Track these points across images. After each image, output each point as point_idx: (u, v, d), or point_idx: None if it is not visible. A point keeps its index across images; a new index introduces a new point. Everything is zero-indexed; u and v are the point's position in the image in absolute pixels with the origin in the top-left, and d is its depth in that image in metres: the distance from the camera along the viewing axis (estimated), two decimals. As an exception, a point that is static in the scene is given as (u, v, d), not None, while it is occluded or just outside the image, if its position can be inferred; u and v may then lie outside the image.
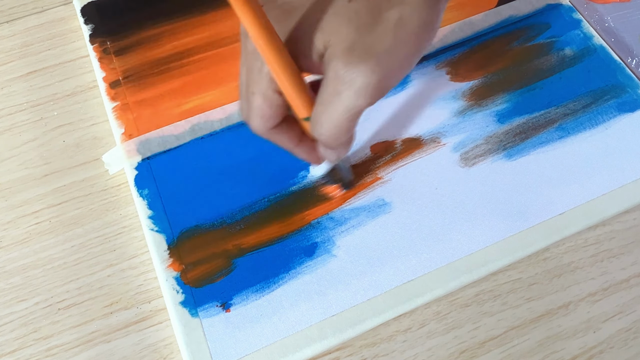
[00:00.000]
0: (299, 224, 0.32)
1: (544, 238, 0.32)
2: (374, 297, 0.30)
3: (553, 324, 0.31)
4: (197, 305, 0.30)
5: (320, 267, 0.31)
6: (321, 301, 0.30)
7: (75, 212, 0.34)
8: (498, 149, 0.34)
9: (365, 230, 0.32)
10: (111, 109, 0.36)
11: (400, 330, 0.31)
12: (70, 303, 0.31)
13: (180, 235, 0.32)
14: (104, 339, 0.30)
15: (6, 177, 0.35)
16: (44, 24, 0.41)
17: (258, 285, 0.30)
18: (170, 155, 0.34)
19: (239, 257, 0.31)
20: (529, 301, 0.31)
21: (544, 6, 0.39)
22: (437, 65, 0.38)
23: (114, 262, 0.32)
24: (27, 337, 0.30)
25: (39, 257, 0.33)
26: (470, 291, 0.32)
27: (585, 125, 0.35)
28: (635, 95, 0.36)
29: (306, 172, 0.34)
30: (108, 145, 0.36)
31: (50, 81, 0.38)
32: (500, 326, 0.31)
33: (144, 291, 0.32)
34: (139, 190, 0.33)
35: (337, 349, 0.30)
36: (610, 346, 0.30)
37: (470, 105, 0.36)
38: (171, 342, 0.30)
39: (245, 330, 0.29)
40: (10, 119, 0.37)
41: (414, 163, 0.34)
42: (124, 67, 0.37)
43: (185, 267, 0.31)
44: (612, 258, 0.33)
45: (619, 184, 0.33)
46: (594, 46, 0.38)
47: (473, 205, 0.33)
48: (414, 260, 0.31)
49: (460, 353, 0.30)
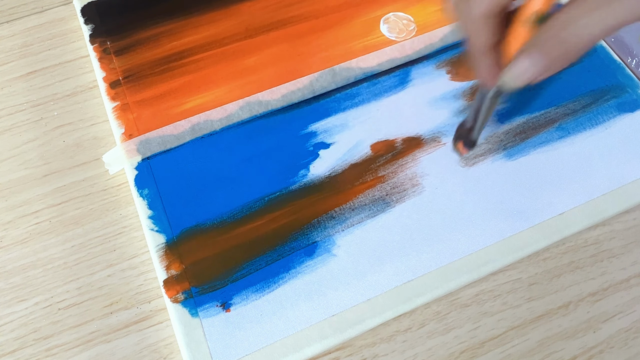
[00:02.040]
0: (299, 223, 0.32)
1: (544, 238, 0.32)
2: (374, 297, 0.30)
3: (553, 324, 0.31)
4: (197, 305, 0.30)
5: (321, 267, 0.31)
6: (321, 301, 0.30)
7: (75, 212, 0.34)
8: (498, 148, 0.34)
9: (365, 230, 0.32)
10: (111, 109, 0.36)
11: (400, 330, 0.31)
12: (70, 303, 0.31)
13: (180, 235, 0.32)
14: (104, 339, 0.30)
15: (6, 177, 0.35)
16: (44, 24, 0.41)
17: (258, 285, 0.30)
18: (170, 155, 0.34)
19: (239, 257, 0.31)
20: (529, 301, 0.31)
21: (544, 6, 0.39)
22: (438, 65, 0.38)
23: (114, 262, 0.32)
24: (27, 337, 0.30)
25: (39, 257, 0.33)
26: (470, 291, 0.32)
27: (585, 125, 0.35)
28: (635, 95, 0.36)
29: (306, 171, 0.34)
30: (108, 145, 0.36)
31: (50, 81, 0.38)
32: (500, 326, 0.31)
33: (144, 291, 0.32)
34: (139, 190, 0.33)
35: (337, 349, 0.30)
36: (610, 346, 0.30)
37: (470, 105, 0.36)
38: (171, 342, 0.30)
39: (245, 330, 0.29)
40: (10, 119, 0.37)
41: (414, 162, 0.34)
42: (124, 67, 0.37)
43: (186, 267, 0.31)
44: (612, 258, 0.32)
45: (619, 184, 0.33)
46: (594, 46, 0.38)
47: (473, 205, 0.33)
48: (414, 260, 0.31)
49: (460, 353, 0.30)
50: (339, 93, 0.37)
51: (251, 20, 0.39)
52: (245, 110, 0.36)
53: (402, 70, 0.37)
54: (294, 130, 0.35)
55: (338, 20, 0.39)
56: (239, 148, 0.35)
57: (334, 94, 0.37)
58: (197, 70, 0.37)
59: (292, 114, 0.36)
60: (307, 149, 0.34)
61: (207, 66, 0.38)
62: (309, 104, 0.36)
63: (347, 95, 0.36)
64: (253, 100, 0.36)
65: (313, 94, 0.36)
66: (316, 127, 0.35)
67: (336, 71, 0.37)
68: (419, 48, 0.38)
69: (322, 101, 0.36)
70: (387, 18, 0.40)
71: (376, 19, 0.39)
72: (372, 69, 0.37)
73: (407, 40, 0.38)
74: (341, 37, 0.39)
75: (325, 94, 0.37)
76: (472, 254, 0.31)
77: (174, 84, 0.37)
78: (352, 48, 0.38)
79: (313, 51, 0.38)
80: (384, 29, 0.39)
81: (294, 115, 0.36)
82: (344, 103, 0.36)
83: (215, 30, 0.39)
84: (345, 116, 0.36)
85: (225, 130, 0.35)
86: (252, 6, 0.40)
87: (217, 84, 0.37)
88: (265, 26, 0.39)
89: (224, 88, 0.37)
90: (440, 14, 0.40)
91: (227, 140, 0.35)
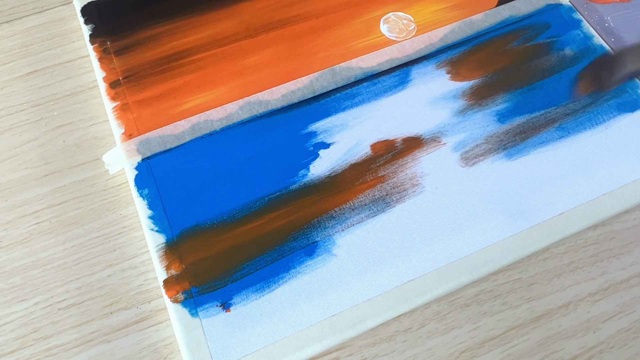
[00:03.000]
0: (299, 223, 0.32)
1: (544, 238, 0.32)
2: (374, 297, 0.30)
3: (553, 324, 0.31)
4: (197, 305, 0.30)
5: (321, 266, 0.31)
6: (321, 301, 0.30)
7: (75, 212, 0.34)
8: (498, 148, 0.34)
9: (365, 230, 0.32)
10: (111, 109, 0.36)
11: (400, 330, 0.31)
12: (70, 303, 0.31)
13: (180, 235, 0.32)
14: (104, 339, 0.30)
15: (6, 177, 0.35)
16: (44, 24, 0.41)
17: (258, 285, 0.30)
18: (170, 155, 0.34)
19: (239, 257, 0.31)
20: (529, 301, 0.31)
21: (544, 6, 0.39)
22: (437, 65, 0.38)
23: (114, 262, 0.32)
24: (27, 337, 0.31)
25: (39, 257, 0.33)
26: (470, 291, 0.32)
27: (585, 125, 0.35)
28: (635, 95, 0.36)
29: (306, 171, 0.34)
30: (108, 145, 0.36)
31: (50, 81, 0.38)
32: (500, 326, 0.31)
33: (144, 291, 0.32)
34: (139, 190, 0.33)
35: (337, 349, 0.30)
36: (610, 346, 0.30)
37: (470, 105, 0.36)
38: (171, 342, 0.30)
39: (245, 330, 0.29)
40: (10, 119, 0.37)
41: (414, 162, 0.34)
42: (124, 67, 0.37)
43: (186, 267, 0.31)
44: (612, 258, 0.32)
45: (619, 184, 0.33)
46: (594, 46, 0.38)
47: (473, 205, 0.33)
48: (414, 260, 0.31)
49: (460, 353, 0.30)
50: (339, 93, 0.37)
51: (251, 20, 0.39)
52: (245, 110, 0.36)
53: (402, 70, 0.37)
54: (294, 130, 0.35)
55: (338, 20, 0.39)
56: (239, 148, 0.35)
57: (334, 93, 0.37)
58: (197, 70, 0.37)
59: (292, 113, 0.36)
60: (307, 149, 0.34)
61: (207, 66, 0.38)
62: (309, 104, 0.36)
63: (347, 95, 0.36)
64: (253, 100, 0.36)
65: (313, 94, 0.36)
66: (316, 127, 0.35)
67: (336, 71, 0.37)
68: (419, 48, 0.38)
69: (322, 101, 0.36)
70: (387, 18, 0.40)
71: (376, 19, 0.39)
72: (372, 68, 0.37)
73: (407, 40, 0.38)
74: (341, 37, 0.39)
75: (325, 93, 0.37)
76: (472, 254, 0.31)
77: (174, 84, 0.37)
78: (352, 48, 0.38)
79: (313, 51, 0.38)
80: (384, 28, 0.39)
81: (294, 115, 0.36)
82: (344, 103, 0.36)
83: (215, 30, 0.39)
84: (345, 116, 0.36)
85: (225, 130, 0.35)
86: (252, 6, 0.40)
87: (217, 84, 0.37)
88: (265, 26, 0.39)
89: (224, 88, 0.37)
90: (440, 14, 0.40)
91: (227, 140, 0.35)
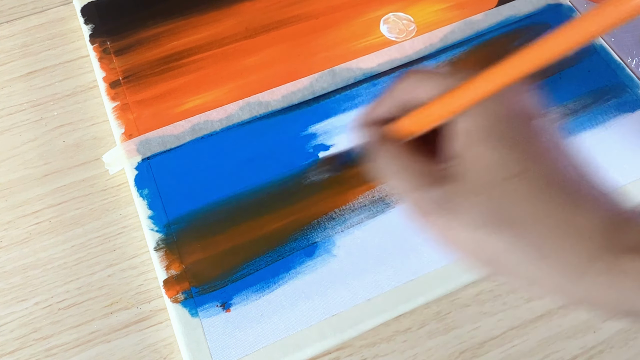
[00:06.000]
0: (299, 224, 0.32)
1: (544, 238, 0.32)
2: (374, 297, 0.30)
3: (553, 324, 0.31)
4: (197, 305, 0.30)
5: (320, 267, 0.31)
6: (321, 301, 0.30)
7: (75, 212, 0.34)
8: (498, 149, 0.34)
9: (365, 230, 0.32)
10: (111, 109, 0.36)
11: (400, 330, 0.31)
12: (70, 303, 0.31)
13: (180, 235, 0.32)
14: (104, 339, 0.30)
15: (6, 177, 0.35)
16: (44, 24, 0.41)
17: (258, 285, 0.30)
18: (170, 155, 0.34)
19: (239, 257, 0.31)
20: (529, 301, 0.31)
21: (544, 6, 0.39)
22: (437, 65, 0.38)
23: (114, 262, 0.32)
24: (27, 337, 0.30)
25: (39, 257, 0.33)
26: (470, 291, 0.32)
27: (585, 125, 0.35)
28: (635, 95, 0.36)
29: (306, 172, 0.34)
30: (108, 145, 0.36)
31: (50, 81, 0.38)
32: (500, 326, 0.31)
33: (144, 291, 0.32)
34: (139, 190, 0.33)
35: (337, 349, 0.30)
36: (610, 346, 0.30)
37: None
38: (171, 342, 0.30)
39: (245, 330, 0.29)
40: (10, 119, 0.37)
41: (414, 163, 0.34)
42: (124, 67, 0.37)
43: (186, 267, 0.31)
44: (612, 258, 0.32)
45: (619, 184, 0.33)
46: (594, 46, 0.38)
47: (473, 205, 0.33)
48: (414, 260, 0.31)
49: (460, 353, 0.30)
50: (339, 94, 0.37)
51: (251, 20, 0.39)
52: (245, 111, 0.36)
53: (403, 70, 0.37)
54: (294, 132, 0.35)
55: (338, 20, 0.39)
56: (238, 148, 0.35)
57: (334, 95, 0.37)
58: (197, 70, 0.37)
59: (292, 114, 0.36)
60: (307, 151, 0.34)
61: (207, 66, 0.38)
62: (309, 105, 0.36)
63: (347, 97, 0.36)
64: (253, 101, 0.36)
65: (313, 95, 0.36)
66: (316, 129, 0.35)
67: (336, 72, 0.37)
68: (419, 48, 0.38)
69: (322, 102, 0.36)
70: (387, 18, 0.40)
71: (376, 19, 0.39)
72: (372, 69, 0.37)
73: (407, 41, 0.38)
74: (341, 37, 0.39)
75: (325, 95, 0.36)
76: (472, 254, 0.31)
77: (174, 84, 0.37)
78: (352, 48, 0.38)
79: (313, 51, 0.38)
80: (384, 29, 0.39)
81: (294, 116, 0.36)
82: (343, 104, 0.36)
83: (215, 30, 0.39)
84: (345, 118, 0.36)
85: (225, 130, 0.35)
86: (252, 6, 0.40)
87: (217, 84, 0.37)
88: (265, 26, 0.39)
89: (224, 88, 0.37)
90: (440, 14, 0.40)
91: (227, 141, 0.35)
